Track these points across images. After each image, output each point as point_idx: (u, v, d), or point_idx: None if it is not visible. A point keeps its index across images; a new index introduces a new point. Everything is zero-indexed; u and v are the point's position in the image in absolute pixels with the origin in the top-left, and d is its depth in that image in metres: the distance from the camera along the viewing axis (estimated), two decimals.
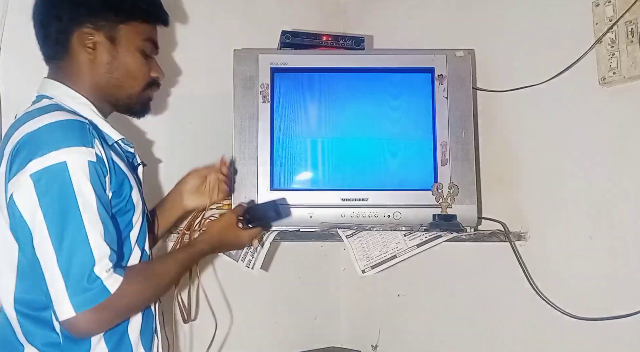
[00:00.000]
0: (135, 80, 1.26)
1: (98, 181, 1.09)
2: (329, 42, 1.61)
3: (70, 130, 1.09)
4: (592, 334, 1.30)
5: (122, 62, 1.24)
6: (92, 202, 1.07)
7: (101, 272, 1.04)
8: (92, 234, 1.06)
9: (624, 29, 1.26)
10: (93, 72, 1.22)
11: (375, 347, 1.85)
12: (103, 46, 1.22)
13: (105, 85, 1.23)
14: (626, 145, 1.27)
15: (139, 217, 1.22)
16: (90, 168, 1.08)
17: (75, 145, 1.07)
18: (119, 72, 1.24)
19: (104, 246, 1.06)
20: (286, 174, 1.50)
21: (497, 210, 1.51)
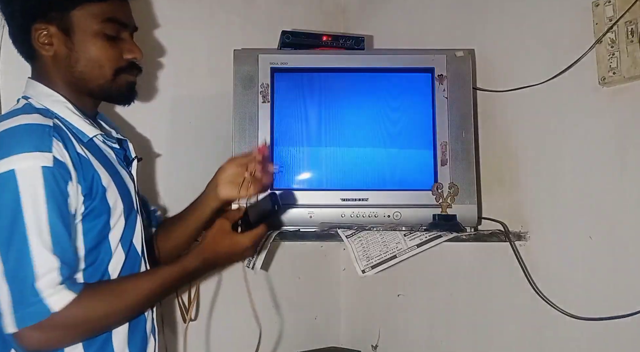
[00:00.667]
0: (101, 69, 1.16)
1: (55, 187, 1.02)
2: (329, 42, 1.61)
3: (26, 135, 1.04)
4: (592, 334, 1.30)
5: (82, 53, 1.15)
6: (41, 211, 1.01)
7: (45, 288, 0.99)
8: (37, 247, 0.99)
9: (624, 29, 1.26)
10: (58, 69, 1.16)
11: (375, 347, 1.85)
12: (59, 40, 1.14)
13: (73, 80, 1.16)
14: (626, 145, 1.27)
15: (119, 217, 1.14)
16: (45, 174, 1.01)
17: (27, 151, 1.02)
18: (81, 64, 1.15)
19: (51, 260, 1.00)
20: (286, 173, 1.50)
21: (497, 210, 1.51)
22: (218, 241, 1.19)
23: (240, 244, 1.21)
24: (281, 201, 1.23)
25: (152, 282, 1.12)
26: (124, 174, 1.21)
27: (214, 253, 1.19)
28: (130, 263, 1.18)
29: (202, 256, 1.18)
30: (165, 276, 1.14)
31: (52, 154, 1.03)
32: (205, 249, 1.19)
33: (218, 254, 1.19)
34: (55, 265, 1.00)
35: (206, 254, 1.19)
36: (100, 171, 1.12)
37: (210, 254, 1.19)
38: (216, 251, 1.19)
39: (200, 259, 1.18)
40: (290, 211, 1.45)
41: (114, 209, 1.13)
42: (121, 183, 1.17)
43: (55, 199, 1.02)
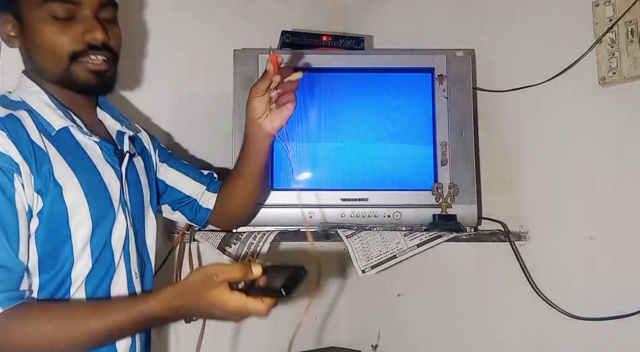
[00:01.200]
0: (55, 56, 1.05)
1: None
2: (329, 42, 1.61)
3: None
4: (592, 334, 1.30)
5: (32, 41, 1.05)
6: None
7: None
8: None
9: (624, 29, 1.26)
10: (26, 61, 1.10)
11: (375, 347, 1.85)
12: (16, 30, 1.07)
13: (37, 71, 1.09)
14: (626, 145, 1.27)
15: (83, 219, 1.02)
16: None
17: None
18: (35, 53, 1.06)
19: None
20: (286, 173, 1.50)
21: (497, 210, 1.51)
22: (197, 292, 0.92)
23: (225, 304, 0.91)
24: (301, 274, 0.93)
25: (97, 323, 0.93)
26: (105, 171, 1.10)
27: (188, 304, 0.94)
28: (101, 270, 1.06)
29: (171, 303, 0.94)
30: (116, 318, 0.94)
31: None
32: (176, 296, 0.94)
33: (192, 307, 0.94)
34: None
35: (176, 303, 0.94)
36: (60, 166, 1.02)
37: (183, 303, 0.94)
38: (190, 303, 0.93)
39: (165, 306, 0.94)
40: (290, 210, 1.45)
41: (74, 210, 1.01)
42: (94, 180, 1.06)
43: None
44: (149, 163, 1.29)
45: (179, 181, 1.36)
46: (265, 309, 0.92)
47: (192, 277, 0.95)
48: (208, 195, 1.37)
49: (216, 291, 0.91)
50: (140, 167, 1.22)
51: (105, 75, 1.09)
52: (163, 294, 0.95)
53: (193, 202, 1.37)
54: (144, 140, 1.31)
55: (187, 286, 0.94)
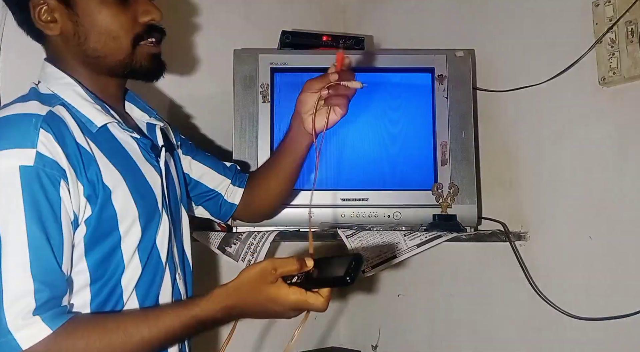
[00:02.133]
0: (117, 41, 0.99)
1: (38, 190, 0.86)
2: (329, 42, 1.61)
3: (5, 129, 0.89)
4: (592, 334, 1.30)
5: (89, 26, 0.97)
6: (18, 221, 0.84)
7: (14, 320, 0.81)
8: (8, 266, 0.83)
9: (624, 29, 1.26)
10: (68, 49, 1.00)
11: (375, 347, 1.84)
12: (61, 14, 0.97)
13: (87, 59, 1.00)
14: (626, 146, 1.27)
15: (132, 223, 0.97)
16: (23, 176, 0.85)
17: (4, 148, 0.87)
18: (91, 39, 0.98)
19: (25, 281, 0.82)
20: None
21: (497, 210, 1.51)
22: (255, 288, 0.90)
23: (286, 300, 0.89)
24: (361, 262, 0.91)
25: (150, 330, 0.89)
26: (146, 169, 1.03)
27: (243, 302, 0.91)
28: (150, 274, 1.01)
29: (225, 303, 0.91)
30: (170, 323, 0.90)
31: (36, 149, 0.87)
32: (230, 295, 0.91)
33: (248, 305, 0.91)
34: (29, 288, 0.83)
35: (231, 301, 0.91)
36: (107, 169, 0.96)
37: (238, 302, 0.91)
38: (247, 301, 0.91)
39: (220, 308, 0.91)
40: (290, 210, 1.45)
41: (124, 215, 0.96)
42: (140, 181, 1.01)
43: (36, 205, 0.86)
44: (176, 156, 1.23)
45: (203, 174, 1.29)
46: (325, 303, 0.90)
47: (247, 274, 0.91)
48: (233, 189, 1.31)
49: (275, 286, 0.89)
50: (172, 161, 1.16)
51: (161, 59, 1.06)
52: (215, 295, 0.91)
53: (218, 196, 1.30)
54: (168, 131, 1.23)
55: (241, 283, 0.91)
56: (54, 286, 0.86)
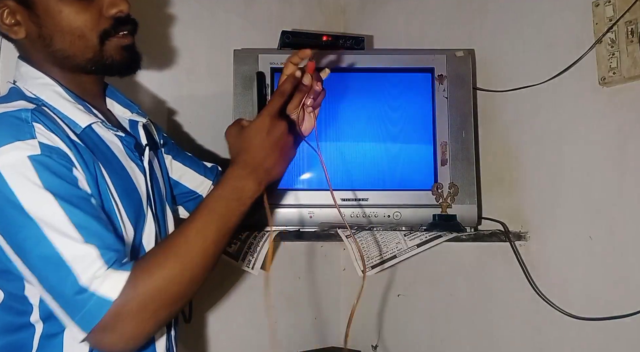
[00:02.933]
0: (83, 40, 0.95)
1: (54, 173, 0.85)
2: (329, 42, 1.61)
3: (2, 126, 0.87)
4: (592, 334, 1.30)
5: (52, 27, 0.94)
6: (49, 203, 0.83)
7: (91, 281, 0.83)
8: (62, 244, 0.83)
9: (624, 29, 1.26)
10: (36, 52, 0.97)
11: (375, 347, 1.85)
12: (23, 17, 0.94)
13: (56, 60, 0.97)
14: (626, 146, 1.27)
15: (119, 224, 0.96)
16: (34, 163, 0.84)
17: (7, 143, 0.84)
18: (57, 40, 0.95)
19: (86, 251, 0.83)
20: (286, 173, 1.49)
21: (497, 210, 1.51)
22: (239, 137, 0.95)
23: (260, 122, 0.95)
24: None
25: (203, 224, 0.91)
26: (131, 169, 1.03)
27: (244, 150, 0.94)
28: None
29: (238, 162, 0.94)
30: (208, 207, 0.92)
31: (37, 139, 0.86)
32: (234, 155, 0.95)
33: (251, 148, 0.94)
34: (93, 254, 0.84)
35: (240, 158, 0.94)
36: (103, 167, 0.95)
37: (242, 155, 0.94)
38: (243, 147, 0.94)
39: (238, 168, 0.94)
40: (290, 210, 1.45)
41: (109, 215, 0.94)
42: (126, 181, 1.00)
43: (57, 184, 0.85)
44: (160, 155, 1.22)
45: (183, 174, 1.29)
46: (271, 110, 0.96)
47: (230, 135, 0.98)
48: None
49: (247, 125, 0.96)
50: (156, 160, 1.15)
51: (135, 50, 1.02)
52: (230, 165, 0.96)
53: (198, 198, 1.31)
54: (151, 128, 1.21)
55: (231, 144, 0.97)
56: (113, 247, 0.86)
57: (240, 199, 0.93)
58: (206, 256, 0.91)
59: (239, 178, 0.93)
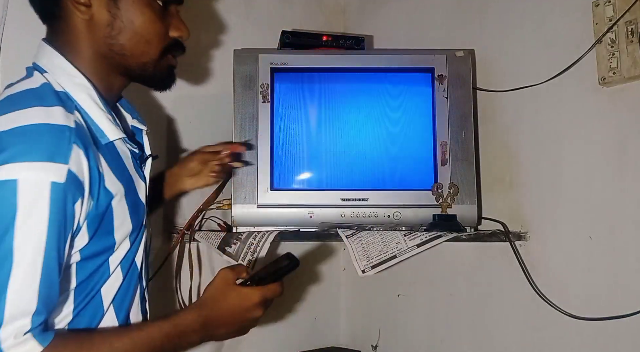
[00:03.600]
0: (148, 46, 0.98)
1: (62, 208, 0.84)
2: (329, 42, 1.61)
3: (38, 138, 0.84)
4: (592, 334, 1.30)
5: (128, 23, 0.96)
6: (39, 238, 0.82)
7: (8, 337, 0.79)
8: (20, 282, 0.81)
9: (624, 29, 1.26)
10: (91, 38, 0.96)
11: (375, 347, 1.85)
12: (99, 2, 0.95)
13: (108, 53, 0.97)
14: (626, 146, 1.27)
15: (123, 239, 0.98)
16: (53, 192, 0.82)
17: (37, 160, 0.82)
18: (124, 36, 0.96)
19: (30, 300, 0.81)
20: (286, 173, 1.50)
21: (497, 210, 1.51)
22: (221, 295, 0.98)
23: (249, 298, 0.99)
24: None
25: (132, 342, 0.90)
26: (136, 180, 1.03)
27: (218, 310, 0.98)
28: (127, 284, 1.02)
29: (202, 313, 0.97)
30: (151, 334, 0.92)
31: (68, 166, 0.84)
32: (206, 304, 0.98)
33: (221, 312, 0.98)
34: (31, 308, 0.81)
35: (206, 311, 0.97)
36: (112, 184, 0.94)
37: (212, 312, 0.98)
38: (220, 307, 0.98)
39: (199, 317, 0.96)
40: (290, 210, 1.46)
41: (119, 230, 0.96)
42: (133, 195, 1.00)
43: (58, 224, 0.84)
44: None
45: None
46: (280, 287, 1.04)
47: (212, 286, 1.00)
48: None
49: (238, 289, 0.99)
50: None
51: (174, 72, 1.07)
52: (191, 306, 1.00)
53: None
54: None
55: (210, 293, 0.99)
56: (49, 306, 0.85)
57: (178, 344, 0.95)
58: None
59: (191, 330, 0.96)
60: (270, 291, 1.02)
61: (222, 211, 1.58)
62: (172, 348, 0.95)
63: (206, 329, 0.97)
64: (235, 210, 1.45)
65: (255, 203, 1.45)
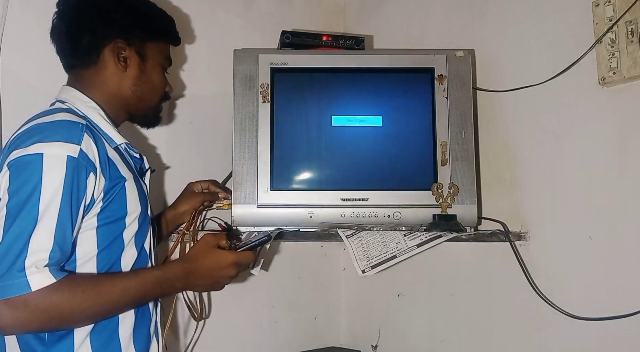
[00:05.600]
0: (155, 94, 1.36)
1: (75, 177, 1.09)
2: (329, 42, 1.61)
3: (59, 128, 1.12)
4: (592, 334, 1.30)
5: (149, 77, 1.32)
6: (56, 196, 1.07)
7: (30, 266, 1.02)
8: (41, 227, 1.04)
9: (624, 29, 1.26)
10: (120, 84, 1.29)
11: (375, 347, 1.85)
12: (134, 61, 1.29)
13: (129, 96, 1.30)
14: (626, 145, 1.27)
15: (135, 218, 1.22)
16: (68, 163, 1.08)
17: (57, 141, 1.10)
18: (145, 86, 1.31)
19: (48, 241, 1.05)
20: (286, 174, 1.50)
21: (497, 210, 1.51)
22: (202, 254, 1.23)
23: (226, 259, 1.24)
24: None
25: (129, 281, 1.15)
26: (141, 182, 1.29)
27: (198, 264, 1.22)
28: (141, 262, 1.24)
29: (186, 265, 1.22)
30: (144, 278, 1.17)
31: (80, 146, 1.10)
32: (190, 258, 1.24)
33: (202, 267, 1.22)
34: (48, 246, 1.04)
35: (189, 264, 1.22)
36: (127, 176, 1.20)
37: (194, 265, 1.22)
38: (200, 263, 1.22)
39: (183, 268, 1.21)
40: (290, 210, 1.46)
41: (132, 212, 1.20)
42: (140, 188, 1.25)
43: (71, 188, 1.08)
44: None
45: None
46: (252, 255, 1.30)
47: (196, 247, 1.25)
48: None
49: (217, 251, 1.24)
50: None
51: (160, 115, 1.42)
52: (179, 259, 1.31)
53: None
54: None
55: (193, 252, 1.25)
56: (64, 252, 1.08)
57: (165, 289, 1.19)
58: (113, 309, 1.14)
59: (175, 278, 1.20)
60: (243, 256, 1.26)
61: (222, 211, 1.58)
62: (160, 291, 1.19)
63: (187, 278, 1.21)
64: (236, 210, 1.45)
65: (255, 203, 1.45)
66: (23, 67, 1.44)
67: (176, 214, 1.55)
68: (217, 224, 1.55)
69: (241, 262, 1.26)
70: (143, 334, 1.22)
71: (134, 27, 1.29)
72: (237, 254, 1.25)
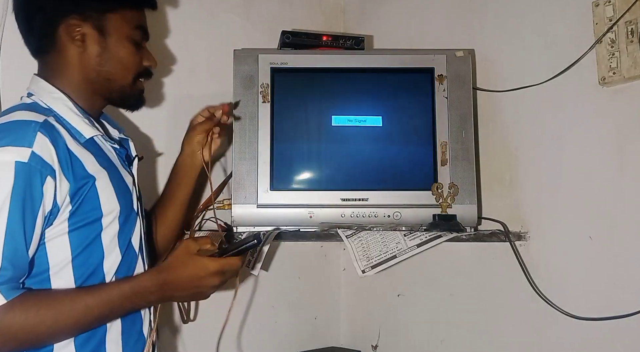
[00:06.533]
0: (127, 71, 1.21)
1: (26, 184, 1.00)
2: (329, 42, 1.61)
3: (7, 130, 1.03)
4: (592, 334, 1.30)
5: (113, 53, 1.18)
6: (3, 209, 0.98)
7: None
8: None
9: (624, 29, 1.26)
10: (83, 66, 1.17)
11: (375, 347, 1.85)
12: (92, 38, 1.16)
13: (95, 78, 1.18)
14: (626, 145, 1.27)
15: (114, 218, 1.12)
16: (17, 169, 0.99)
17: (4, 145, 1.01)
18: (110, 64, 1.18)
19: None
20: (286, 174, 1.50)
21: (497, 210, 1.51)
22: (180, 262, 1.08)
23: (206, 267, 1.08)
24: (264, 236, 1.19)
25: (92, 299, 1.04)
26: (124, 174, 1.20)
27: (175, 275, 1.08)
28: (127, 263, 1.16)
29: (160, 277, 1.08)
30: (110, 293, 1.05)
31: (31, 149, 1.01)
32: (165, 268, 1.10)
33: (179, 277, 1.08)
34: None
35: (164, 275, 1.08)
36: (93, 164, 1.11)
37: (170, 276, 1.08)
38: (177, 273, 1.08)
39: (156, 280, 1.08)
40: (290, 210, 1.46)
41: (108, 212, 1.11)
42: (120, 184, 1.16)
43: (22, 198, 0.99)
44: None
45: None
46: (239, 261, 1.13)
47: (174, 254, 1.11)
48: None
49: (197, 258, 1.09)
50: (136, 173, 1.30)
51: (143, 95, 1.28)
52: (154, 270, 1.13)
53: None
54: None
55: (170, 260, 1.11)
56: (17, 267, 0.99)
57: (136, 303, 1.09)
58: (76, 328, 1.04)
59: (147, 291, 1.08)
60: (227, 263, 1.11)
61: (222, 211, 1.58)
62: (130, 306, 1.08)
63: (163, 291, 1.08)
64: (235, 210, 1.45)
65: (255, 203, 1.45)
66: (23, 66, 1.44)
67: (184, 159, 1.43)
68: (216, 224, 1.55)
69: (226, 270, 1.11)
70: (133, 337, 1.15)
71: (88, 0, 1.15)
72: (220, 262, 1.10)
